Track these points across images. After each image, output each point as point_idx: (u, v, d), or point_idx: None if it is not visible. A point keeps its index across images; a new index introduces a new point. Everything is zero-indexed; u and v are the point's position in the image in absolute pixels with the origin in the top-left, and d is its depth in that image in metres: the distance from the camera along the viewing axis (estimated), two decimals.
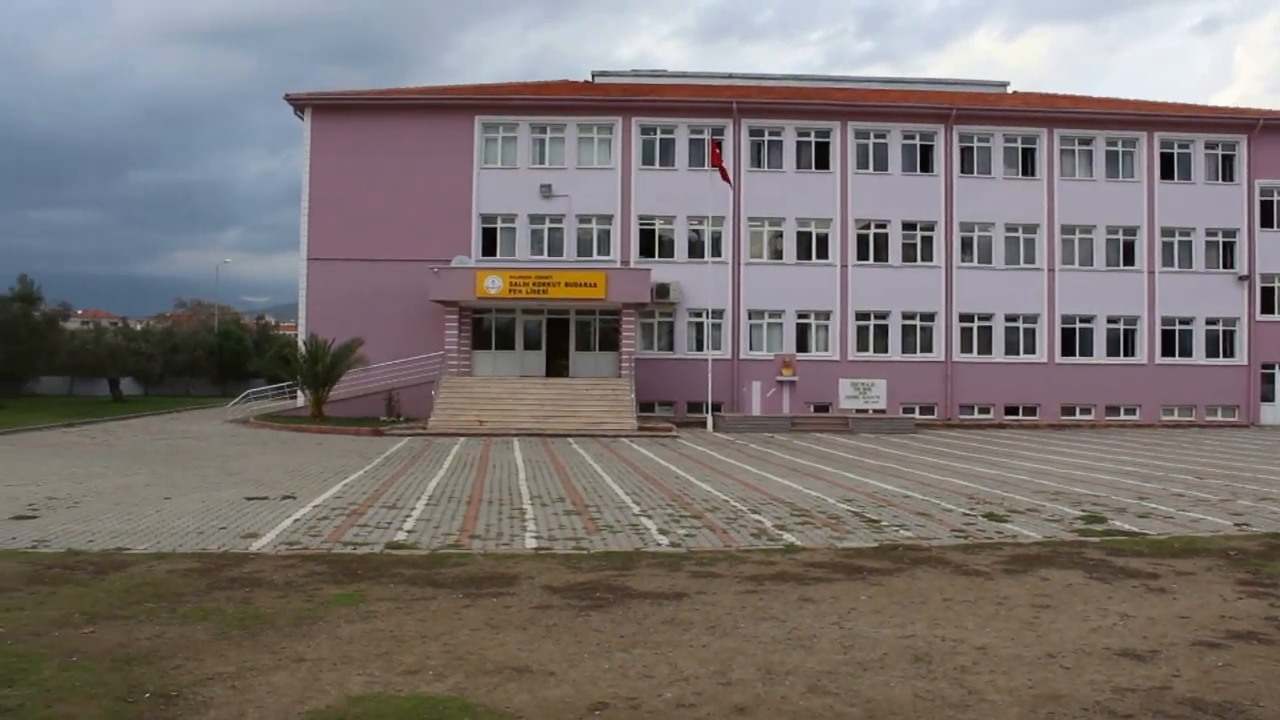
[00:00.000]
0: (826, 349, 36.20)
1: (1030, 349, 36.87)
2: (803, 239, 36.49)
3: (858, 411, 33.59)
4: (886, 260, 36.41)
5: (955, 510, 13.66)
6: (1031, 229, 36.96)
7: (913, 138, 36.94)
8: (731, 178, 35.53)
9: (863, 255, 36.40)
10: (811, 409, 35.03)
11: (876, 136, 36.77)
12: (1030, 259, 36.96)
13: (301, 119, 36.12)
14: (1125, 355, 37.09)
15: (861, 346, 36.27)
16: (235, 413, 37.80)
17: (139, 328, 68.81)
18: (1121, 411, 36.88)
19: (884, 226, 36.51)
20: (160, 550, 10.10)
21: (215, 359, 57.85)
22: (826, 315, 36.25)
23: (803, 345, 36.12)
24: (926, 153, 37.05)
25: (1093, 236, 37.07)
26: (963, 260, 36.74)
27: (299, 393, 35.87)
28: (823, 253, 36.39)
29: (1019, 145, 37.30)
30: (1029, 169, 37.35)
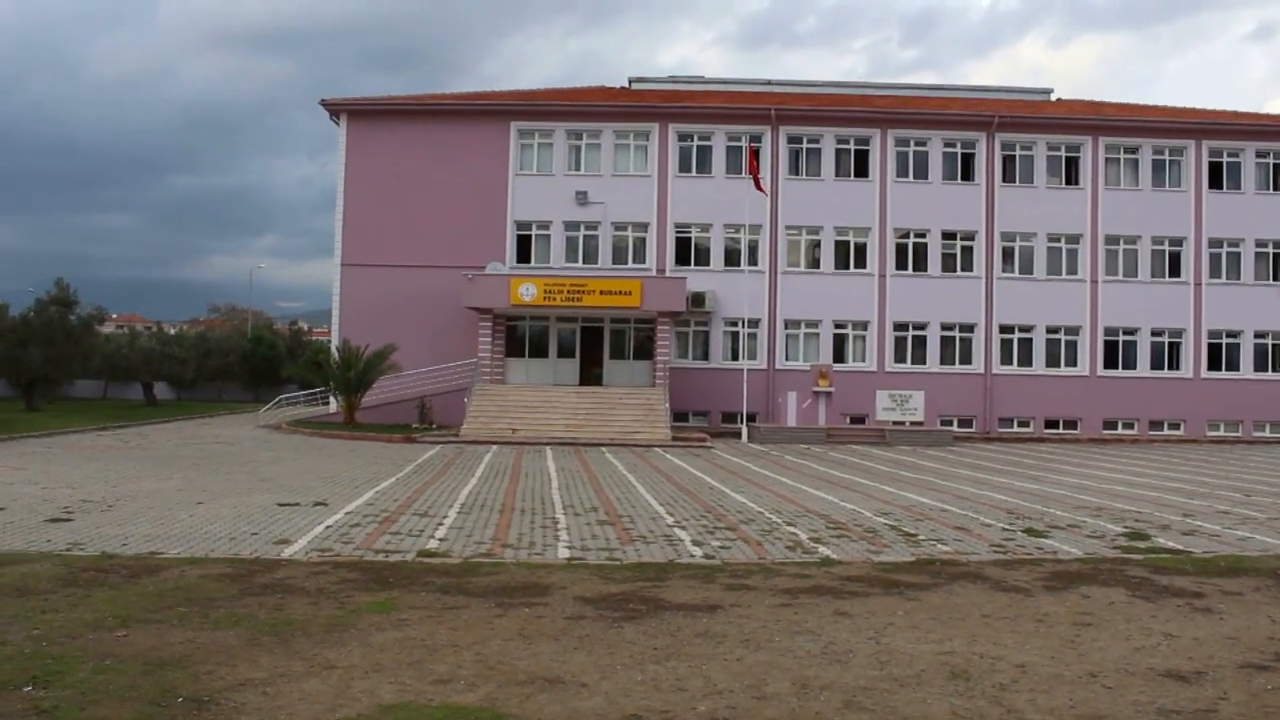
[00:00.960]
0: (864, 360, 36.05)
1: (1072, 361, 36.49)
2: (841, 248, 36.37)
3: (895, 424, 33.35)
4: (926, 270, 36.21)
5: (994, 525, 13.54)
6: (1074, 239, 36.61)
7: (954, 146, 36.73)
8: (769, 185, 35.54)
9: (901, 265, 36.23)
10: (848, 421, 34.87)
11: (917, 144, 36.61)
12: (1073, 270, 36.60)
13: (337, 124, 36.50)
14: (1170, 369, 36.59)
15: (899, 358, 36.08)
16: (268, 418, 38.18)
17: (173, 332, 69.76)
18: (1165, 426, 36.39)
19: (923, 236, 36.32)
20: (193, 555, 10.22)
21: (248, 364, 58.38)
22: (864, 326, 36.09)
23: (839, 356, 35.99)
24: (968, 161, 36.81)
25: (1137, 247, 36.64)
26: (1003, 270, 36.45)
27: (331, 399, 36.21)
28: (861, 262, 36.25)
29: (1062, 154, 36.96)
30: (1072, 178, 37.00)
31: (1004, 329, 36.32)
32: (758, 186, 33.27)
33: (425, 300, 35.19)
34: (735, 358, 35.67)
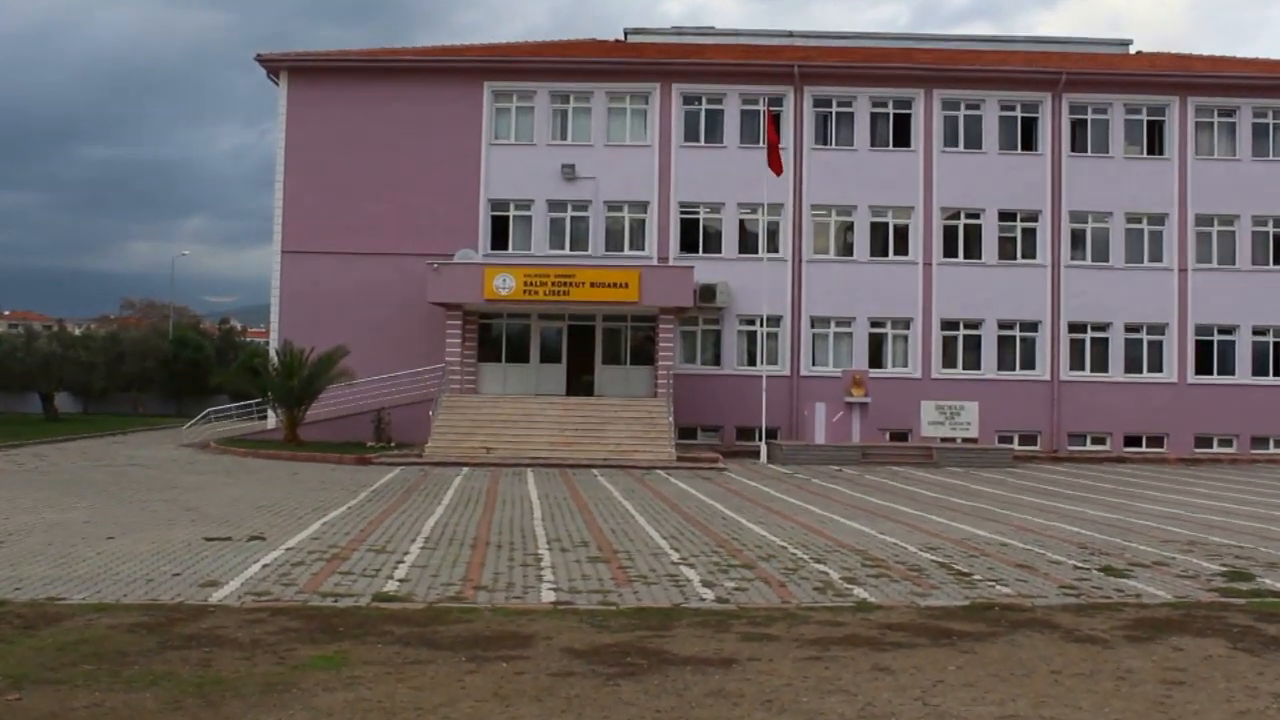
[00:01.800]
0: (906, 364, 36.11)
1: (1156, 366, 36.51)
2: (878, 231, 36.44)
3: (943, 440, 33.35)
4: (979, 257, 36.29)
5: (1064, 562, 13.51)
6: (1158, 219, 36.66)
7: (1013, 108, 36.78)
8: (792, 156, 35.62)
9: (950, 251, 36.30)
10: (887, 436, 34.91)
11: (968, 107, 36.67)
12: (1156, 256, 36.65)
13: (277, 84, 36.54)
14: (1276, 374, 36.62)
15: (948, 361, 36.13)
16: (193, 435, 38.16)
17: (78, 332, 69.74)
18: (1271, 444, 36.38)
19: (976, 216, 36.37)
20: (101, 601, 10.16)
21: (169, 371, 58.36)
22: (906, 324, 36.16)
23: (877, 360, 36.05)
24: (1029, 126, 36.86)
25: (1235, 229, 36.69)
26: (1073, 257, 36.51)
27: (270, 412, 36.18)
28: (902, 248, 36.34)
29: (1143, 117, 37.02)
30: (1155, 146, 37.06)
31: (1074, 327, 36.37)
32: (773, 164, 33.00)
33: (383, 294, 35.25)
34: (752, 362, 35.73)
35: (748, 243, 36.29)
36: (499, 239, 36.32)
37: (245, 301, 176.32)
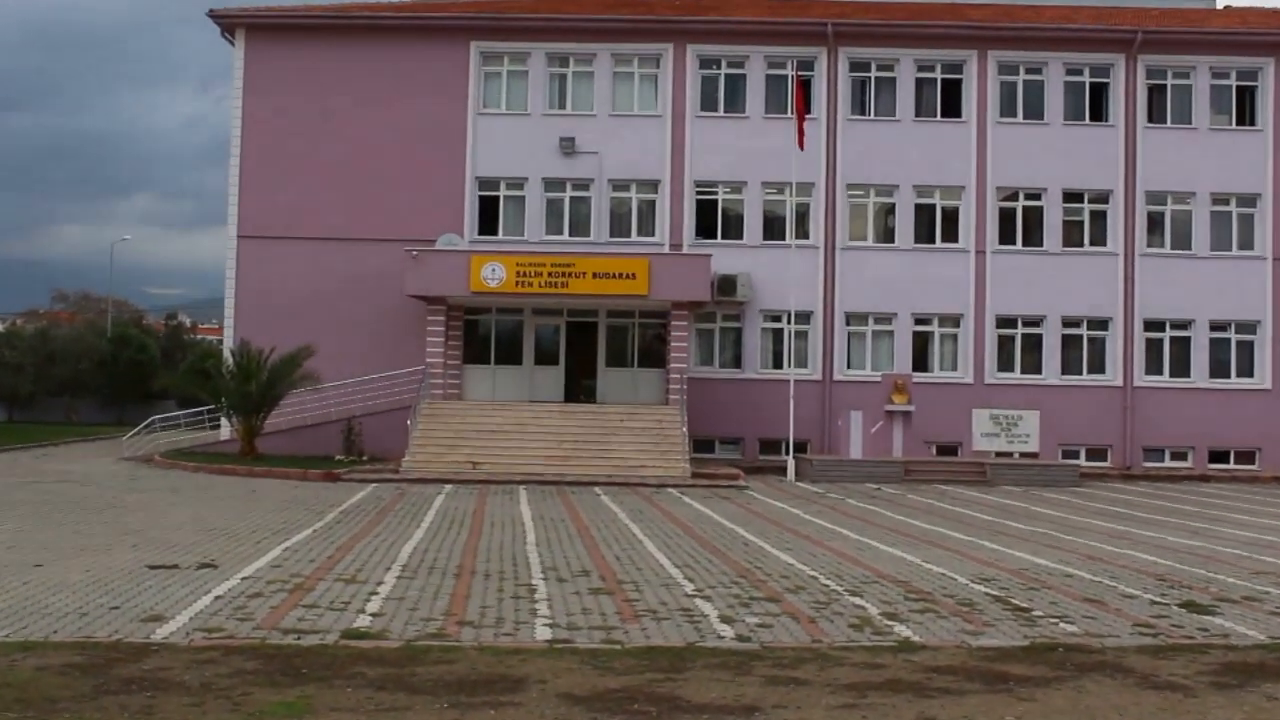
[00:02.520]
0: (955, 367, 36.12)
1: (1246, 370, 36.41)
2: (923, 214, 36.45)
3: (998, 455, 33.27)
4: (1040, 244, 36.27)
5: (1139, 596, 13.48)
6: (1248, 200, 36.56)
7: (1079, 72, 36.73)
8: (824, 127, 35.63)
9: (1007, 237, 36.29)
10: (933, 451, 34.89)
11: (1028, 72, 36.62)
12: (1247, 243, 36.55)
13: (232, 44, 36.58)
14: None
15: (1004, 365, 36.11)
16: (135, 447, 38.13)
17: (1, 329, 69.78)
18: None
19: (1037, 197, 36.36)
20: (28, 639, 10.15)
21: (108, 373, 58.32)
22: (955, 320, 36.17)
23: (922, 362, 36.07)
24: (1098, 94, 36.81)
25: None
26: (1149, 245, 36.45)
27: (224, 421, 36.14)
28: (951, 234, 36.35)
29: (1232, 82, 36.92)
30: (1246, 115, 36.96)
31: (1150, 325, 36.31)
32: (800, 138, 33.09)
33: (354, 287, 35.29)
34: (778, 365, 35.76)
35: (773, 228, 36.30)
36: (488, 223, 36.35)
37: (196, 294, 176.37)
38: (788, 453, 33.16)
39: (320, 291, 35.41)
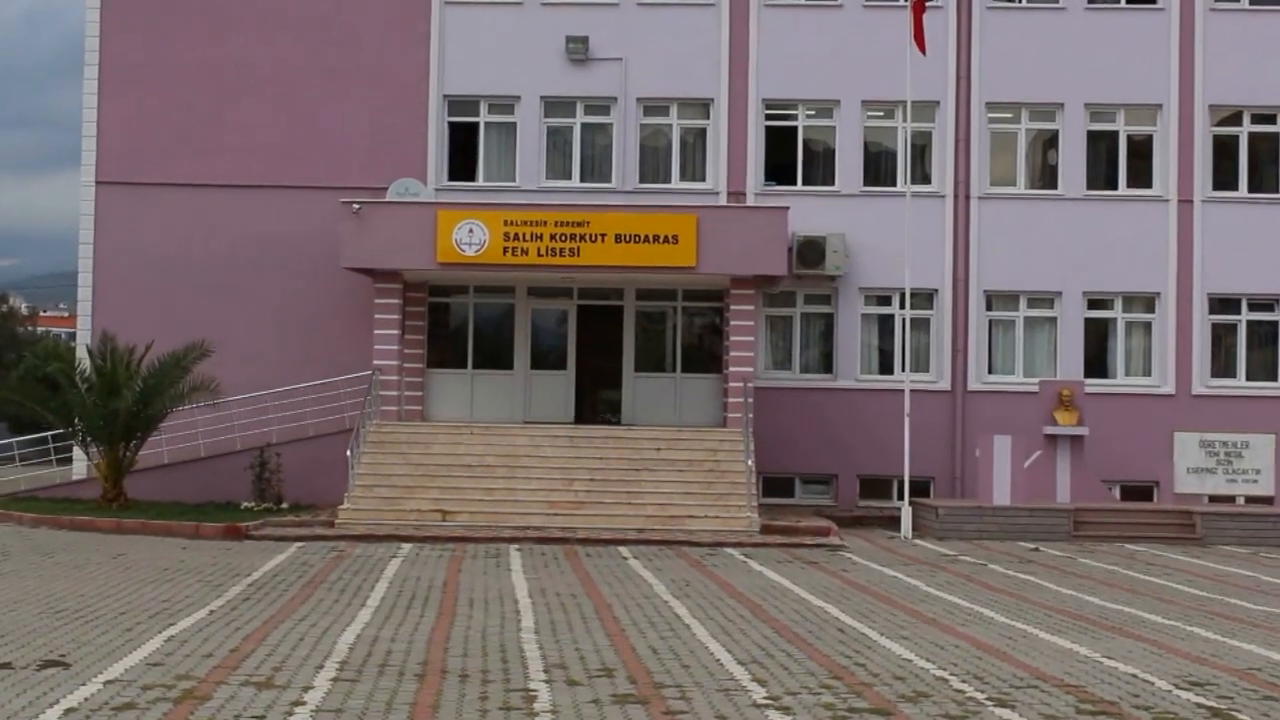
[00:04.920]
0: (1147, 372, 36.15)
1: None
2: (1100, 146, 36.47)
3: (1212, 500, 33.11)
4: (1276, 189, 36.05)
5: None
6: None
7: None
8: (953, 24, 35.50)
9: (1224, 181, 36.31)
10: (1116, 493, 34.79)
11: None
12: None
13: None
14: None
15: (1222, 368, 36.20)
16: None
17: None
18: None
19: (1271, 120, 36.26)
20: None
21: None
22: (1148, 303, 36.23)
23: (1098, 365, 36.10)
24: None
25: None
26: None
27: (78, 452, 36.14)
28: (1142, 175, 36.39)
29: None
30: None
31: None
32: (918, 37, 32.67)
33: (267, 256, 35.42)
34: (887, 369, 35.91)
35: (879, 168, 36.44)
36: (462, 164, 36.51)
37: (32, 267, 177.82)
38: (901, 497, 32.98)
39: (219, 264, 35.50)
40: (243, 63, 36.02)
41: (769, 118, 36.31)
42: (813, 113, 36.38)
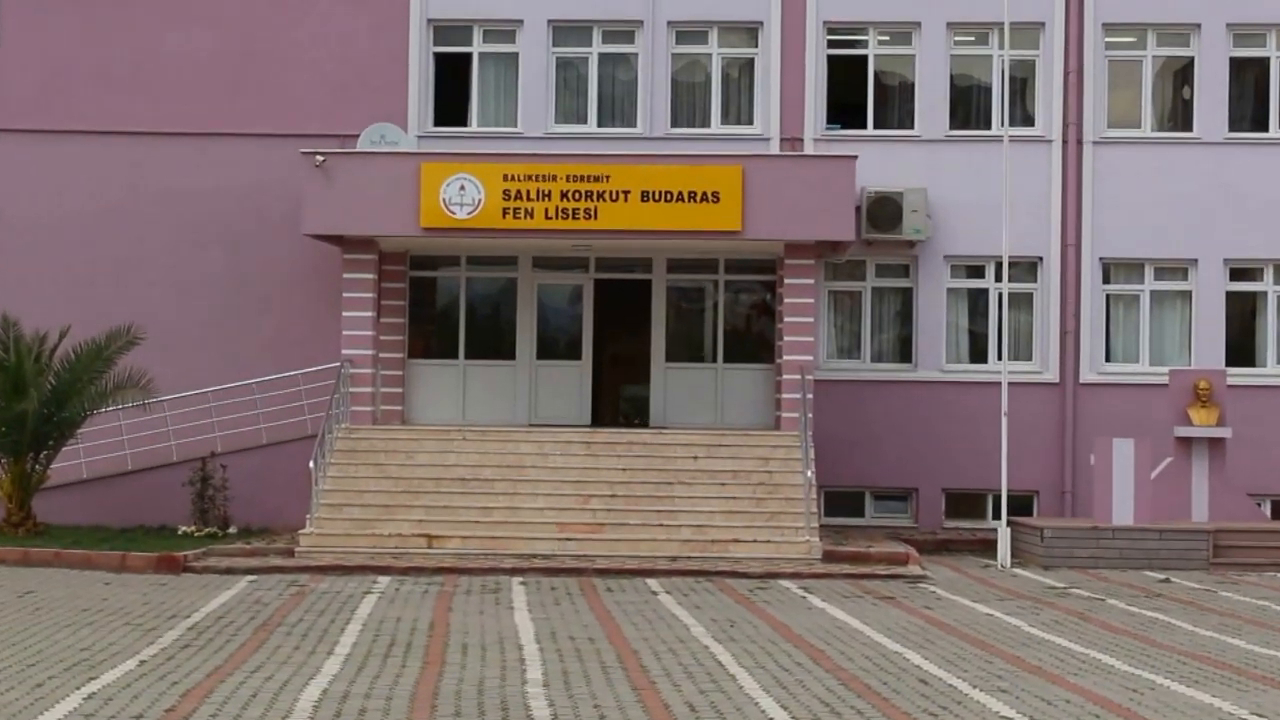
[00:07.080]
0: None
1: None
2: (1245, 77, 36.52)
3: None
4: None
5: None
6: None
7: None
8: None
9: None
10: (1266, 509, 34.75)
11: None
12: None
13: None
14: None
15: None
16: None
17: None
18: None
19: None
20: None
21: None
22: None
23: (1244, 351, 36.17)
24: None
25: None
26: None
27: None
28: None
29: None
30: None
31: None
32: None
33: (210, 221, 35.50)
34: (979, 357, 36.07)
35: (969, 107, 36.48)
36: (450, 105, 36.65)
37: None
38: (998, 516, 33.01)
39: (149, 232, 35.57)
40: None
41: (832, 44, 36.31)
42: (886, 38, 36.40)
